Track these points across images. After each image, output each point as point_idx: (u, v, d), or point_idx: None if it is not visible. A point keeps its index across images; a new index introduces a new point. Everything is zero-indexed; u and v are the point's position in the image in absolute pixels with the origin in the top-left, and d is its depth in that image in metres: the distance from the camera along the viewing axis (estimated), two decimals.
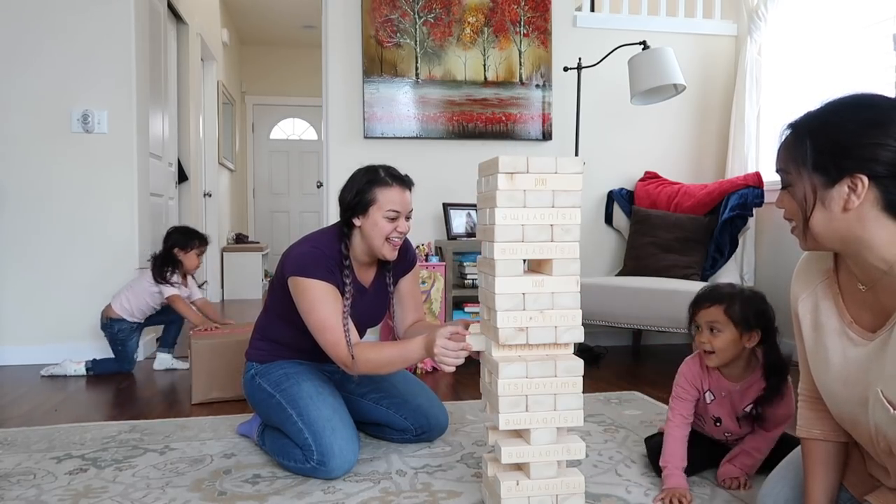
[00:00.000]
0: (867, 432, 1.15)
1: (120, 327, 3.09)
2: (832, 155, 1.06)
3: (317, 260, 1.83)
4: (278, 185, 8.08)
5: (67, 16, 3.32)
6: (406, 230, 1.91)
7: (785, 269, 3.36)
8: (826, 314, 1.22)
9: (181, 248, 3.16)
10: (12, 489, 1.72)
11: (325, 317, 1.79)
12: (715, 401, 1.73)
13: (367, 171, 1.90)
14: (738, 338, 1.64)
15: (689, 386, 1.74)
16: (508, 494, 1.45)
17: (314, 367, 2.00)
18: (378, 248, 1.88)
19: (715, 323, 1.65)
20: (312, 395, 1.86)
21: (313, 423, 1.79)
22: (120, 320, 3.09)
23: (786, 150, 1.14)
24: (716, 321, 1.65)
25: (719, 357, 1.66)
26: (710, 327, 1.65)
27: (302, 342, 1.93)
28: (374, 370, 1.81)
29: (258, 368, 2.00)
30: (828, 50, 3.26)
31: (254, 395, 1.99)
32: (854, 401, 1.16)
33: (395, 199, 1.86)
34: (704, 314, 1.67)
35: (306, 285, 1.81)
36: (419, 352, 1.68)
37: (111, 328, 3.09)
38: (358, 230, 1.90)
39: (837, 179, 1.06)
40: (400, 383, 2.10)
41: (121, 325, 3.09)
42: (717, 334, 1.65)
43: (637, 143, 3.82)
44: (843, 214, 1.07)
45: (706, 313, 1.67)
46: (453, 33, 3.55)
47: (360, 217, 1.88)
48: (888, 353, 1.07)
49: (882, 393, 1.07)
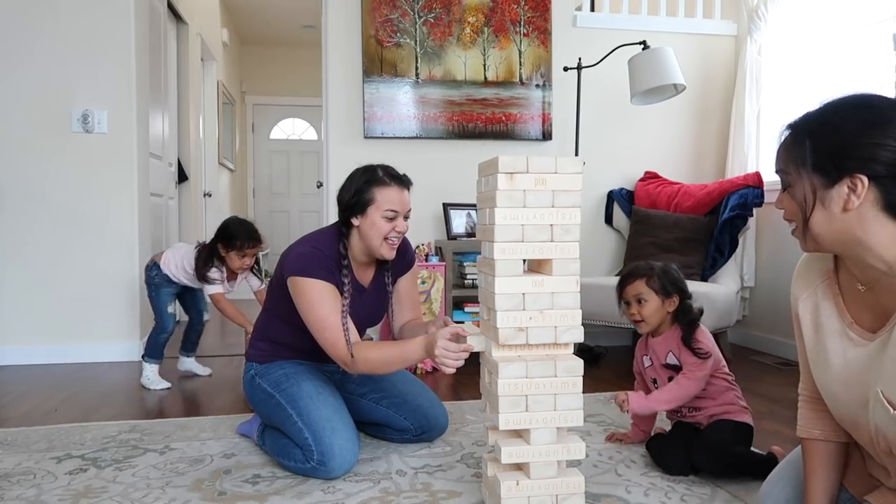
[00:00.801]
0: (867, 433, 1.15)
1: (157, 272, 2.87)
2: (832, 155, 1.06)
3: (316, 260, 1.83)
4: (278, 185, 8.08)
5: (68, 15, 3.32)
6: (404, 230, 1.91)
7: (785, 270, 3.36)
8: (826, 315, 1.22)
9: (224, 246, 2.79)
10: (12, 489, 1.72)
11: (324, 316, 1.79)
12: (651, 365, 1.96)
13: (365, 171, 1.90)
14: (660, 304, 1.89)
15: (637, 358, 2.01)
16: (508, 494, 1.45)
17: (314, 368, 2.00)
18: (376, 247, 1.88)
19: (640, 294, 1.90)
20: (312, 395, 1.86)
21: (313, 422, 1.79)
22: (158, 267, 2.87)
23: (785, 150, 1.14)
24: (640, 293, 1.90)
25: (648, 323, 1.91)
26: (637, 299, 1.90)
27: (302, 342, 1.93)
28: (373, 370, 1.81)
29: (258, 369, 2.00)
30: (828, 50, 3.26)
31: (254, 395, 1.99)
32: (854, 401, 1.16)
33: (393, 199, 1.86)
34: (630, 289, 1.92)
35: (305, 285, 1.81)
36: (419, 352, 1.68)
37: (150, 271, 2.90)
38: (356, 230, 1.90)
39: (837, 180, 1.06)
40: (400, 383, 2.10)
41: (158, 272, 2.88)
42: (644, 304, 1.90)
43: (637, 143, 3.82)
44: (843, 215, 1.07)
45: (631, 288, 1.92)
46: (453, 33, 3.55)
47: (359, 217, 1.87)
48: (888, 353, 1.07)
49: (882, 393, 1.07)
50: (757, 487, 1.50)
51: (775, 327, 3.47)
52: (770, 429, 2.19)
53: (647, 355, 1.98)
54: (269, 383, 1.94)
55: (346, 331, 1.79)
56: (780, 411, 2.41)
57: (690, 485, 1.73)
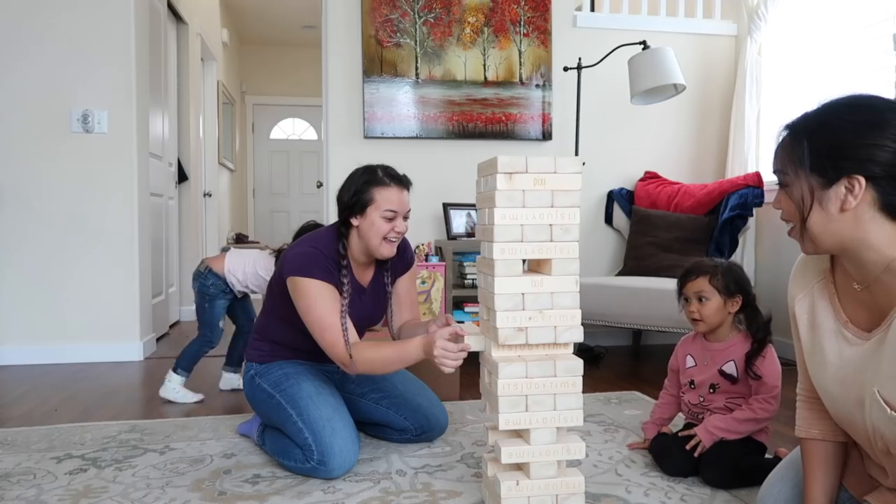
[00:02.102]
0: (864, 432, 1.15)
1: (215, 281, 2.61)
2: (829, 156, 1.07)
3: (315, 260, 1.83)
4: (278, 185, 8.08)
5: (67, 15, 3.32)
6: (404, 230, 1.91)
7: (785, 269, 3.35)
8: (822, 314, 1.22)
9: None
10: (12, 489, 1.72)
11: (322, 316, 1.79)
12: (695, 366, 1.90)
13: (364, 171, 1.90)
14: (722, 304, 1.82)
15: (678, 355, 1.95)
16: (508, 494, 1.45)
17: (314, 368, 2.00)
18: (375, 247, 1.88)
19: (702, 292, 1.83)
20: (312, 395, 1.86)
21: (313, 422, 1.79)
22: (215, 275, 2.61)
23: (783, 151, 1.14)
24: (702, 290, 1.83)
25: (707, 323, 1.84)
26: (699, 297, 1.84)
27: (301, 342, 1.93)
28: (372, 370, 1.81)
29: (258, 369, 2.00)
30: (827, 50, 3.25)
31: (254, 395, 1.99)
32: (851, 401, 1.16)
33: (392, 199, 1.86)
34: (692, 285, 1.85)
35: (304, 285, 1.81)
36: (417, 352, 1.68)
37: (205, 279, 2.61)
38: (355, 230, 1.90)
39: (835, 180, 1.07)
40: (400, 383, 2.10)
41: (216, 280, 2.61)
42: (704, 303, 1.83)
43: (637, 143, 3.82)
44: (841, 215, 1.08)
45: (693, 284, 1.85)
46: (453, 33, 3.55)
47: (358, 217, 1.88)
48: (885, 353, 1.07)
49: (879, 393, 1.07)
50: (757, 488, 1.50)
51: (775, 327, 3.42)
52: (770, 429, 2.19)
53: (691, 355, 1.92)
54: (269, 383, 1.94)
55: (345, 331, 1.79)
56: (780, 411, 2.38)
57: (690, 485, 1.73)
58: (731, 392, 1.83)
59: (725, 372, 1.83)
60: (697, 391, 1.88)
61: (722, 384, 1.83)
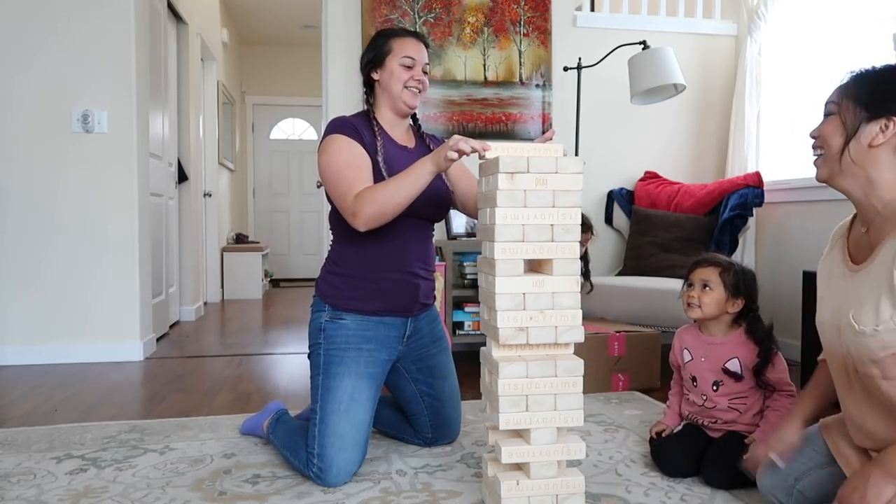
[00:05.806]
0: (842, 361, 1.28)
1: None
2: (883, 97, 1.24)
3: (341, 122, 1.86)
4: (278, 185, 8.08)
5: (67, 16, 3.31)
6: (424, 81, 1.91)
7: (785, 270, 3.35)
8: (834, 261, 1.37)
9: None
10: (12, 489, 1.72)
11: (339, 168, 1.74)
12: (692, 361, 1.88)
13: (383, 29, 1.97)
14: (724, 300, 1.81)
15: (675, 349, 1.94)
16: (508, 494, 1.45)
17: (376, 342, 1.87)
18: (398, 95, 1.89)
19: (708, 281, 1.82)
20: (343, 402, 1.77)
21: (326, 436, 1.74)
22: None
23: (843, 86, 1.30)
24: (709, 279, 1.82)
25: (703, 312, 1.82)
26: (703, 284, 1.82)
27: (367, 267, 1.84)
28: (382, 207, 1.66)
29: (330, 313, 1.87)
30: (828, 50, 3.25)
31: (314, 345, 1.88)
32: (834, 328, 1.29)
33: (409, 48, 1.89)
34: (700, 272, 1.85)
35: (327, 142, 1.82)
36: (427, 165, 1.62)
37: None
38: (378, 85, 1.93)
39: (876, 117, 1.22)
40: (448, 391, 2.01)
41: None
42: (707, 291, 1.82)
43: (637, 142, 3.82)
44: (867, 150, 1.23)
45: (702, 271, 1.84)
46: (453, 33, 3.55)
47: (378, 70, 1.91)
48: (863, 280, 1.23)
49: (852, 317, 1.22)
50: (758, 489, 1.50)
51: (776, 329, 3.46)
52: None
53: (687, 348, 1.91)
54: (325, 353, 1.83)
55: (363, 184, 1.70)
56: None
57: (690, 485, 1.73)
58: (734, 391, 1.81)
59: (730, 370, 1.81)
60: (700, 389, 1.86)
61: (726, 382, 1.82)
